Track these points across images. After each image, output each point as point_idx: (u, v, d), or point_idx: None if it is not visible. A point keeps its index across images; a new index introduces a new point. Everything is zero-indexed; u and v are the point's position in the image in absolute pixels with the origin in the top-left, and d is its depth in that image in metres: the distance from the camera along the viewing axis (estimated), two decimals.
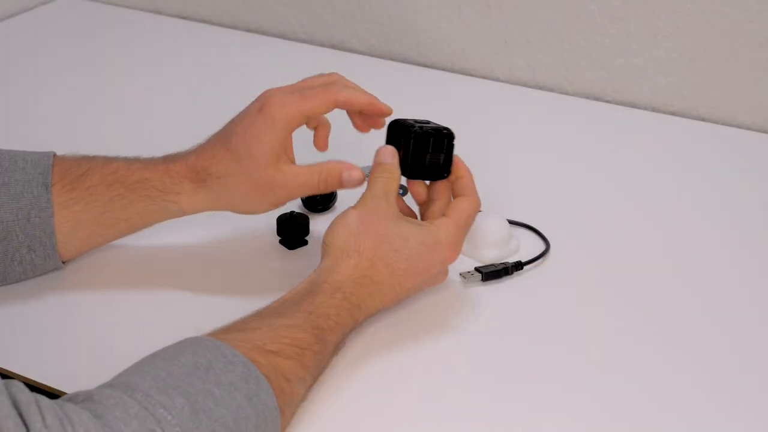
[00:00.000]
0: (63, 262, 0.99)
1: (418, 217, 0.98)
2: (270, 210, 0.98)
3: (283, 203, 0.97)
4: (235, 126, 0.95)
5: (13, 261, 0.95)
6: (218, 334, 0.81)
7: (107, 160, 0.98)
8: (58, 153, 0.99)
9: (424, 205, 0.98)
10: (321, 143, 1.01)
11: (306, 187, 0.95)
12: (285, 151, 0.95)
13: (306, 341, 0.83)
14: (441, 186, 0.97)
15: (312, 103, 0.94)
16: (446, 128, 0.97)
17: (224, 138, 0.95)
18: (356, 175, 0.95)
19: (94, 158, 0.98)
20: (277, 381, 0.79)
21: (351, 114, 0.99)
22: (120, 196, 0.96)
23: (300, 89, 0.95)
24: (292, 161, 0.96)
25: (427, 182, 0.99)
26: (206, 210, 0.98)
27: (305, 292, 0.88)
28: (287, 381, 0.80)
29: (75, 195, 0.95)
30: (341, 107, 0.96)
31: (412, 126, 0.95)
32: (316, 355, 0.84)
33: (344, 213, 0.92)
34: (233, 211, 0.98)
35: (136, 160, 0.98)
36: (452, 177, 0.97)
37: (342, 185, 0.95)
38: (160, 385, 0.72)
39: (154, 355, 0.77)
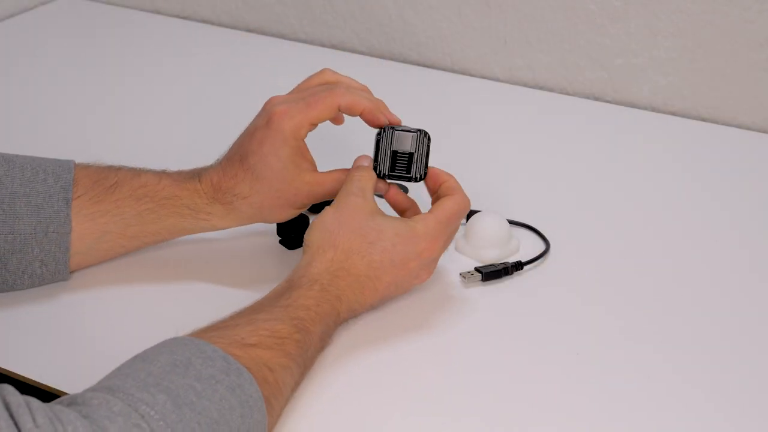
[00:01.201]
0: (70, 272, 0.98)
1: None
2: (296, 215, 1.00)
3: (307, 207, 0.99)
4: (248, 144, 0.96)
5: (24, 274, 0.95)
6: (197, 333, 0.82)
7: (135, 173, 0.98)
8: (61, 154, 0.99)
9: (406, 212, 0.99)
10: (336, 122, 1.01)
11: (332, 194, 0.97)
12: (304, 159, 0.96)
13: (285, 331, 0.84)
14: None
15: (317, 111, 0.95)
16: (422, 129, 0.97)
17: (241, 157, 0.96)
18: (381, 185, 0.97)
19: (120, 169, 0.99)
20: (260, 371, 0.79)
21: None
22: (150, 210, 0.97)
23: (303, 97, 0.96)
24: (313, 165, 0.97)
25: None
26: (237, 226, 1.00)
27: (283, 290, 0.89)
28: (270, 371, 0.80)
29: (102, 207, 0.96)
30: (343, 111, 0.97)
31: (386, 127, 0.97)
32: (298, 343, 0.84)
33: (322, 212, 0.93)
34: (263, 222, 1.00)
35: (165, 175, 0.99)
36: (435, 185, 0.97)
37: None
38: (140, 384, 0.73)
39: (134, 358, 0.77)
